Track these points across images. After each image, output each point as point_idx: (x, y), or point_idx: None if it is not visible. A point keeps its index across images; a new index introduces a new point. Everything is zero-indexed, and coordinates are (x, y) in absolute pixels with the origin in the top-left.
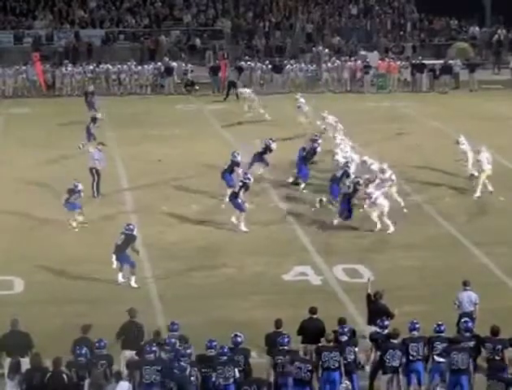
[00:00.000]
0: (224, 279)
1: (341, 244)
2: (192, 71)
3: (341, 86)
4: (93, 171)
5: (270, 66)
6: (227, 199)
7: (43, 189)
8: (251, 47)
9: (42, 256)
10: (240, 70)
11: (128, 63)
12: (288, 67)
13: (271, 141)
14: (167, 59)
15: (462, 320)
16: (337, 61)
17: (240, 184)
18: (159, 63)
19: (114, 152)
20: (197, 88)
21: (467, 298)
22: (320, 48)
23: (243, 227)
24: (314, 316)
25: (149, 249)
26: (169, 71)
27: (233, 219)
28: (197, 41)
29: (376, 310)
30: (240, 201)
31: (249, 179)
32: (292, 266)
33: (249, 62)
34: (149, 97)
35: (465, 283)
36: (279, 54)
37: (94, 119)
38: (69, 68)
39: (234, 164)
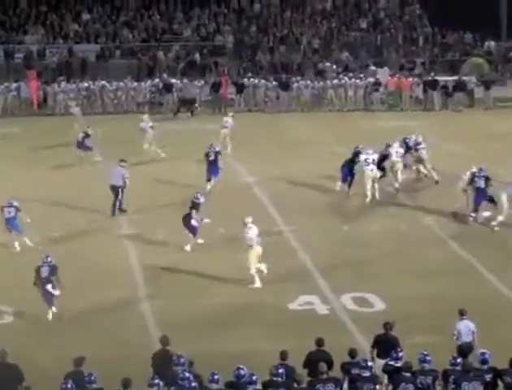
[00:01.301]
0: (224, 306)
1: (349, 270)
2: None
3: (348, 104)
4: (115, 188)
5: (276, 83)
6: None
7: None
8: (254, 63)
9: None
10: (241, 87)
11: (125, 80)
12: (294, 83)
13: None
14: (165, 76)
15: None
16: (345, 78)
17: (190, 204)
18: (157, 80)
19: (103, 172)
20: (197, 106)
21: (465, 328)
22: (327, 64)
23: (188, 247)
24: (322, 348)
25: (145, 273)
26: (168, 87)
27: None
28: (197, 57)
29: (386, 342)
30: (194, 223)
31: (197, 198)
32: (298, 294)
33: (251, 79)
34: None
35: (461, 313)
36: (284, 70)
37: (87, 135)
38: (62, 85)
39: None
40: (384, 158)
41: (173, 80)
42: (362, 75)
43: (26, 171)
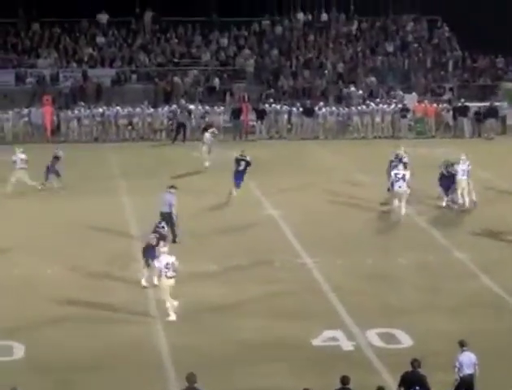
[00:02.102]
0: (248, 342)
1: (375, 305)
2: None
3: (375, 131)
4: (164, 215)
5: (301, 109)
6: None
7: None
8: (276, 88)
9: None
10: (263, 113)
11: (141, 106)
12: (318, 110)
13: None
14: (183, 101)
15: None
16: (371, 103)
17: (157, 235)
18: (175, 106)
19: (124, 202)
20: (216, 132)
21: (468, 360)
22: (352, 89)
23: (143, 281)
24: (347, 386)
25: (163, 311)
26: (188, 113)
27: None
28: (217, 82)
29: (414, 380)
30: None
31: (163, 227)
32: (322, 329)
33: (273, 105)
34: (164, 143)
35: (462, 344)
36: (307, 95)
37: (57, 158)
38: (76, 111)
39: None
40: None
41: (191, 106)
42: (390, 101)
43: (38, 201)
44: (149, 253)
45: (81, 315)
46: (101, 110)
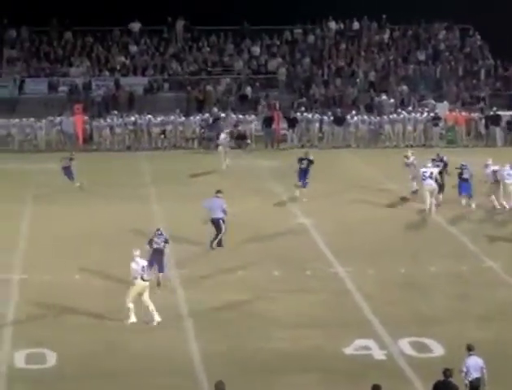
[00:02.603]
0: (277, 353)
1: (407, 314)
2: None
3: (407, 139)
4: (215, 221)
5: (332, 117)
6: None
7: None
8: (308, 96)
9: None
10: (294, 121)
11: (174, 114)
12: (350, 118)
13: None
14: (215, 110)
15: None
16: (403, 112)
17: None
18: (207, 114)
19: (154, 210)
20: (249, 142)
21: (474, 364)
22: (384, 97)
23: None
24: None
25: (194, 318)
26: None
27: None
28: (249, 90)
29: None
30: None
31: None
32: (354, 338)
33: (304, 113)
34: (196, 152)
35: (469, 348)
36: (339, 104)
37: (72, 159)
38: (108, 120)
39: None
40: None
41: (223, 115)
42: (421, 110)
43: (70, 207)
44: (155, 258)
45: (113, 322)
46: (133, 118)
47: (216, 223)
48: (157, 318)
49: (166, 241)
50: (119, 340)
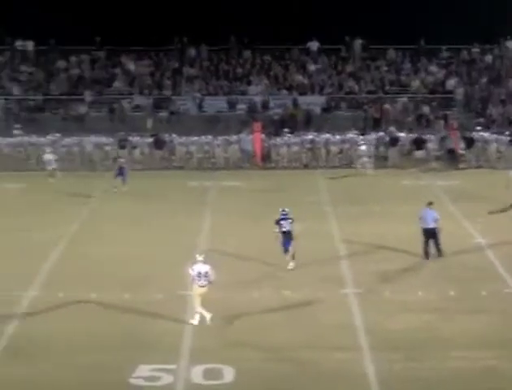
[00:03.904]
0: (454, 373)
1: None
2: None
3: None
4: (427, 231)
5: (509, 138)
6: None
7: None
8: (485, 116)
9: (251, 340)
10: (471, 141)
11: (350, 133)
12: None
13: None
14: (392, 129)
15: None
16: None
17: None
18: (382, 133)
19: (333, 229)
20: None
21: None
22: None
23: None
24: None
25: (370, 337)
26: (394, 141)
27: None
28: (426, 109)
29: None
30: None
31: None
32: None
33: (481, 133)
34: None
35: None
36: None
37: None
38: (285, 138)
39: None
40: None
41: (401, 134)
42: None
43: (248, 227)
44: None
45: (289, 341)
46: (311, 136)
47: (430, 233)
48: (195, 321)
49: (292, 222)
50: (293, 358)
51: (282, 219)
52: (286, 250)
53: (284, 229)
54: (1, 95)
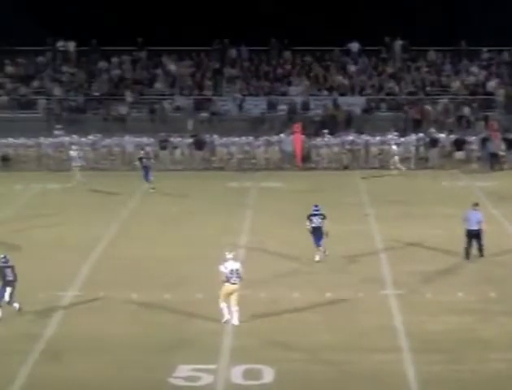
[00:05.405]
0: (494, 375)
1: None
2: None
3: None
4: (471, 233)
5: None
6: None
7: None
8: None
9: (290, 341)
10: (511, 143)
11: (390, 134)
12: None
13: None
14: (433, 130)
15: None
16: None
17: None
18: (422, 134)
19: (373, 230)
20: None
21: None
22: None
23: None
24: None
25: (410, 338)
26: (434, 142)
27: None
28: (467, 111)
29: None
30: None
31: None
32: None
33: None
34: (413, 171)
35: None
36: None
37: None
38: (326, 139)
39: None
40: None
41: (441, 135)
42: None
43: (288, 228)
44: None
45: (329, 342)
46: (351, 137)
47: (474, 234)
48: (235, 321)
49: (323, 218)
50: (330, 360)
51: (313, 215)
52: (318, 246)
53: (313, 225)
54: (42, 95)
